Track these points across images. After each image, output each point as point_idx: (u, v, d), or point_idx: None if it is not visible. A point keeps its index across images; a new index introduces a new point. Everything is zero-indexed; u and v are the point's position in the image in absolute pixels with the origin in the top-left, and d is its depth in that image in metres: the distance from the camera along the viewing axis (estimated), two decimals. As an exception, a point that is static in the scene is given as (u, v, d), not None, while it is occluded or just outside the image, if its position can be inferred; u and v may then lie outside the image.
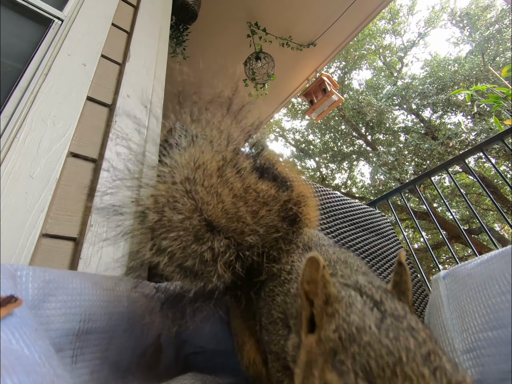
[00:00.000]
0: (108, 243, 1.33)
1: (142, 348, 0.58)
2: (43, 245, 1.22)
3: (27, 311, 0.42)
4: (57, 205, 1.32)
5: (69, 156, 1.43)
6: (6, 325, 0.37)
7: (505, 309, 0.46)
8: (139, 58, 1.93)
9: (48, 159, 1.34)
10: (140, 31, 2.05)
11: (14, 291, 0.42)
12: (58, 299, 0.46)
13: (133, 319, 0.56)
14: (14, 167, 1.25)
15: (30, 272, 0.46)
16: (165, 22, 2.31)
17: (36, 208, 1.23)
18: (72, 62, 1.63)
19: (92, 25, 1.83)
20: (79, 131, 1.50)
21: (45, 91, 1.47)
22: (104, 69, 1.76)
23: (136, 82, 1.84)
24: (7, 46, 1.56)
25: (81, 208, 1.38)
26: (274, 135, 17.03)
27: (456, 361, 0.54)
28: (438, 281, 0.77)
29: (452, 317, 0.58)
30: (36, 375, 0.34)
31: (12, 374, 0.31)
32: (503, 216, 2.52)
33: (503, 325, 0.44)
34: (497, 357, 0.45)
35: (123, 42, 1.97)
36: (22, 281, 0.44)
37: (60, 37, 1.70)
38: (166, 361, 0.64)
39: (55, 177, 1.32)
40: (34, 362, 0.36)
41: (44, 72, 1.53)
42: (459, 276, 0.59)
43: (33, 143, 1.33)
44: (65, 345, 0.45)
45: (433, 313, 0.65)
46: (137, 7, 2.19)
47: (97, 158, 1.51)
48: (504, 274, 0.47)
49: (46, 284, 0.46)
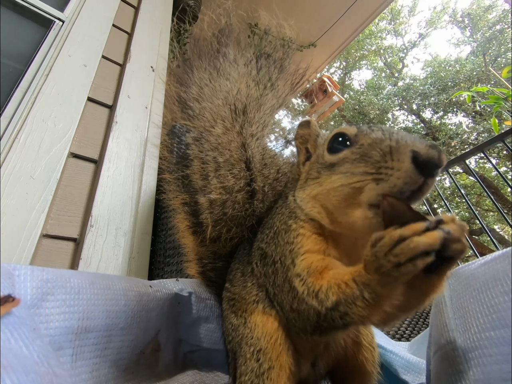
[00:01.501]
0: (108, 243, 1.34)
1: (141, 346, 0.59)
2: (43, 245, 1.23)
3: (26, 311, 0.42)
4: (58, 205, 1.32)
5: (70, 157, 1.43)
6: (4, 324, 0.37)
7: (508, 309, 0.45)
8: (139, 59, 1.94)
9: (48, 160, 1.34)
10: (140, 32, 2.06)
11: (12, 290, 0.42)
12: (57, 298, 0.46)
13: (131, 317, 0.56)
14: (15, 168, 1.25)
15: (28, 271, 0.46)
16: (166, 23, 2.31)
17: (37, 209, 1.23)
18: (73, 63, 1.63)
19: (93, 26, 1.83)
20: (80, 132, 1.51)
21: (46, 92, 1.47)
22: (105, 70, 1.77)
23: (137, 83, 1.84)
24: (8, 47, 1.56)
25: (81, 208, 1.38)
26: (274, 136, 17.03)
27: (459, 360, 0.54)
28: None
29: (455, 317, 0.58)
30: (35, 374, 0.34)
31: (11, 373, 0.31)
32: (503, 217, 2.52)
33: (506, 325, 0.44)
34: (500, 357, 0.45)
35: (123, 43, 1.98)
36: (20, 280, 0.44)
37: (61, 38, 1.71)
38: (164, 360, 0.64)
39: (56, 178, 1.32)
40: (32, 361, 0.36)
41: (45, 73, 1.54)
42: (463, 277, 0.59)
43: (33, 144, 1.33)
44: (65, 343, 0.45)
45: (437, 313, 0.65)
46: (137, 8, 2.20)
47: (98, 159, 1.51)
48: (508, 274, 0.47)
49: (45, 283, 0.46)
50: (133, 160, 1.61)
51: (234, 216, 0.79)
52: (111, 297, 0.53)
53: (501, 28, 12.66)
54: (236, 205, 0.79)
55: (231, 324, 0.69)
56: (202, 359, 0.72)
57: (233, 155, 0.82)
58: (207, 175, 0.82)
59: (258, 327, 0.62)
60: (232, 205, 0.79)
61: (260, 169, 0.83)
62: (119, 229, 1.39)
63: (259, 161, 0.84)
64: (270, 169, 0.84)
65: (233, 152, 0.82)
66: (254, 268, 0.69)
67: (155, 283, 0.70)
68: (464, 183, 11.81)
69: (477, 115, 11.14)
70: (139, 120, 1.74)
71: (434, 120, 13.16)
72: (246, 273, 0.73)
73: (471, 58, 13.13)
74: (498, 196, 9.60)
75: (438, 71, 13.62)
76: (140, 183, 1.57)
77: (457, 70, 12.94)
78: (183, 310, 0.73)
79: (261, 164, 0.84)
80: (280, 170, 0.85)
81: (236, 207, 0.79)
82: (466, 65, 12.65)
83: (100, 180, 1.42)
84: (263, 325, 0.62)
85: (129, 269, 1.33)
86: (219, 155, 0.82)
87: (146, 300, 0.62)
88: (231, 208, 0.79)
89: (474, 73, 12.04)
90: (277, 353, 0.59)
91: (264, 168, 0.84)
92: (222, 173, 0.81)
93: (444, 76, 13.00)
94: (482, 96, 4.94)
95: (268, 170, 0.84)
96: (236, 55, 0.94)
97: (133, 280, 0.65)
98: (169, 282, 0.75)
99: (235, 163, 0.81)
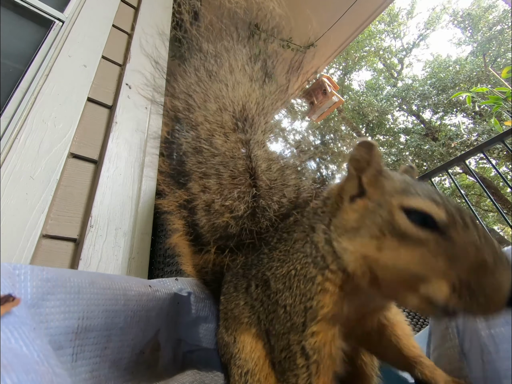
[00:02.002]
0: (108, 244, 1.34)
1: (140, 346, 0.59)
2: (43, 245, 1.23)
3: (26, 310, 0.42)
4: (58, 205, 1.32)
5: (70, 157, 1.43)
6: (4, 324, 0.37)
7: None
8: (139, 59, 1.94)
9: (48, 160, 1.34)
10: (140, 32, 2.06)
11: (12, 290, 0.42)
12: (57, 297, 0.46)
13: (130, 317, 0.56)
14: (15, 168, 1.25)
15: (28, 270, 0.46)
16: (166, 23, 2.31)
17: (37, 209, 1.23)
18: (73, 64, 1.63)
19: (93, 27, 1.83)
20: (80, 132, 1.51)
21: (46, 92, 1.47)
22: (104, 70, 1.77)
23: (137, 84, 1.84)
24: (8, 47, 1.56)
25: (81, 208, 1.38)
26: (274, 136, 17.03)
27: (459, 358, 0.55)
28: None
29: None
30: (35, 374, 0.34)
31: (11, 373, 0.31)
32: (503, 217, 2.52)
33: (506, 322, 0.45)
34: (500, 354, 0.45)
35: (123, 44, 1.98)
36: (21, 279, 0.45)
37: (61, 38, 1.71)
38: (164, 359, 0.64)
39: (56, 178, 1.33)
40: (33, 360, 0.36)
41: (45, 74, 1.54)
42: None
43: (33, 144, 1.33)
44: (65, 343, 0.45)
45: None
46: (137, 8, 2.20)
47: (98, 159, 1.51)
48: None
49: (45, 282, 0.46)
50: (133, 161, 1.61)
51: (236, 233, 0.74)
52: (110, 296, 0.53)
53: (501, 29, 12.67)
54: (239, 226, 0.73)
55: (222, 339, 0.68)
56: (202, 358, 0.72)
57: (237, 167, 0.75)
58: (208, 192, 0.76)
59: (247, 349, 0.61)
60: (235, 225, 0.73)
61: (268, 184, 0.75)
62: (119, 229, 1.39)
63: (265, 173, 0.75)
64: (278, 184, 0.76)
65: (237, 164, 0.75)
66: (251, 287, 0.65)
67: (154, 283, 0.70)
68: (464, 183, 11.80)
69: (477, 116, 11.15)
70: (139, 120, 1.75)
71: (434, 121, 13.17)
72: (240, 288, 0.69)
73: (470, 58, 13.15)
74: (498, 196, 9.60)
75: (437, 71, 13.63)
76: (140, 183, 1.57)
77: (457, 71, 12.94)
78: (182, 310, 0.73)
79: (269, 179, 0.75)
80: (289, 184, 0.76)
81: (239, 227, 0.73)
82: (465, 65, 12.66)
83: (100, 181, 1.42)
84: (252, 349, 0.61)
85: (129, 269, 1.33)
86: (222, 168, 0.75)
87: (146, 299, 0.62)
88: (234, 229, 0.73)
89: (474, 73, 12.05)
90: (265, 374, 0.58)
91: (273, 182, 0.75)
92: (225, 190, 0.74)
93: (444, 77, 13.01)
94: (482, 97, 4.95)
95: (276, 186, 0.75)
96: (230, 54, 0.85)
97: (133, 279, 0.65)
98: (168, 281, 0.75)
99: (239, 176, 0.74)
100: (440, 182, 11.80)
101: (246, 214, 0.72)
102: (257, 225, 0.73)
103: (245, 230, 0.73)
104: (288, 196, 0.75)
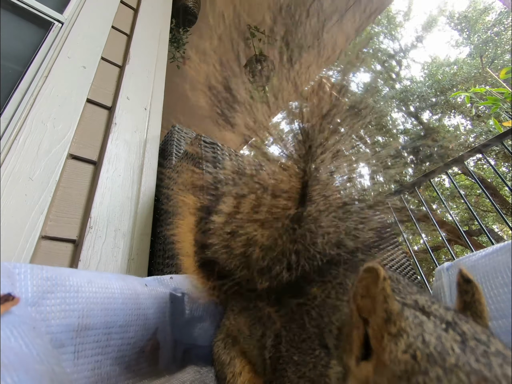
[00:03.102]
0: (108, 245, 1.33)
1: (140, 344, 0.59)
2: (42, 247, 1.22)
3: (25, 309, 0.42)
4: (57, 207, 1.32)
5: (69, 158, 1.43)
6: (4, 323, 0.37)
7: (507, 300, 0.46)
8: (139, 61, 1.94)
9: (48, 161, 1.34)
10: (140, 33, 2.06)
11: (12, 289, 0.42)
12: (57, 296, 0.46)
13: (129, 315, 0.56)
14: (14, 169, 1.25)
15: (28, 269, 0.46)
16: (165, 25, 2.32)
17: (36, 210, 1.23)
18: (72, 65, 1.63)
19: (92, 28, 1.84)
20: (79, 133, 1.51)
21: (45, 93, 1.48)
22: (104, 72, 1.77)
23: (136, 85, 1.85)
24: (7, 49, 1.57)
25: (80, 209, 1.38)
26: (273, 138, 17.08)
27: None
28: (441, 272, 0.78)
29: (453, 306, 0.59)
30: (35, 373, 0.34)
31: (11, 372, 0.31)
32: (502, 218, 2.52)
33: (504, 315, 0.45)
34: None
35: (123, 45, 1.99)
36: (20, 278, 0.45)
37: (60, 39, 1.71)
38: (164, 358, 0.64)
39: (55, 179, 1.32)
40: (33, 359, 0.36)
41: (44, 75, 1.54)
42: (463, 267, 0.59)
43: (33, 145, 1.33)
44: (66, 341, 0.45)
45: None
46: (137, 10, 2.20)
47: (97, 160, 1.51)
48: (508, 266, 0.47)
49: (44, 281, 0.46)
50: (132, 162, 1.61)
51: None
52: (108, 295, 0.53)
53: (498, 31, 12.75)
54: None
55: (218, 353, 0.66)
56: (201, 356, 0.72)
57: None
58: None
59: (241, 377, 0.58)
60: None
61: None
62: (118, 230, 1.39)
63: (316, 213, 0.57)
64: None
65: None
66: (265, 336, 0.56)
67: (149, 281, 0.70)
68: (463, 184, 11.83)
69: (475, 117, 11.20)
70: (138, 121, 1.75)
71: (433, 122, 13.21)
72: (253, 329, 0.60)
73: (468, 60, 13.22)
74: (497, 196, 9.62)
75: (435, 73, 13.69)
76: (139, 184, 1.57)
77: (455, 72, 13.01)
78: (177, 310, 0.72)
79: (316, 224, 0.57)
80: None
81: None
82: (463, 67, 12.73)
83: (99, 182, 1.42)
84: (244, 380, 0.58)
85: (128, 270, 1.33)
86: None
87: (143, 298, 0.62)
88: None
89: (471, 75, 12.11)
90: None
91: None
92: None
93: (441, 78, 13.08)
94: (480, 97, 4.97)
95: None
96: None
97: (129, 278, 0.65)
98: (163, 279, 0.75)
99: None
100: (439, 182, 11.84)
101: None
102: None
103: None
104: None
